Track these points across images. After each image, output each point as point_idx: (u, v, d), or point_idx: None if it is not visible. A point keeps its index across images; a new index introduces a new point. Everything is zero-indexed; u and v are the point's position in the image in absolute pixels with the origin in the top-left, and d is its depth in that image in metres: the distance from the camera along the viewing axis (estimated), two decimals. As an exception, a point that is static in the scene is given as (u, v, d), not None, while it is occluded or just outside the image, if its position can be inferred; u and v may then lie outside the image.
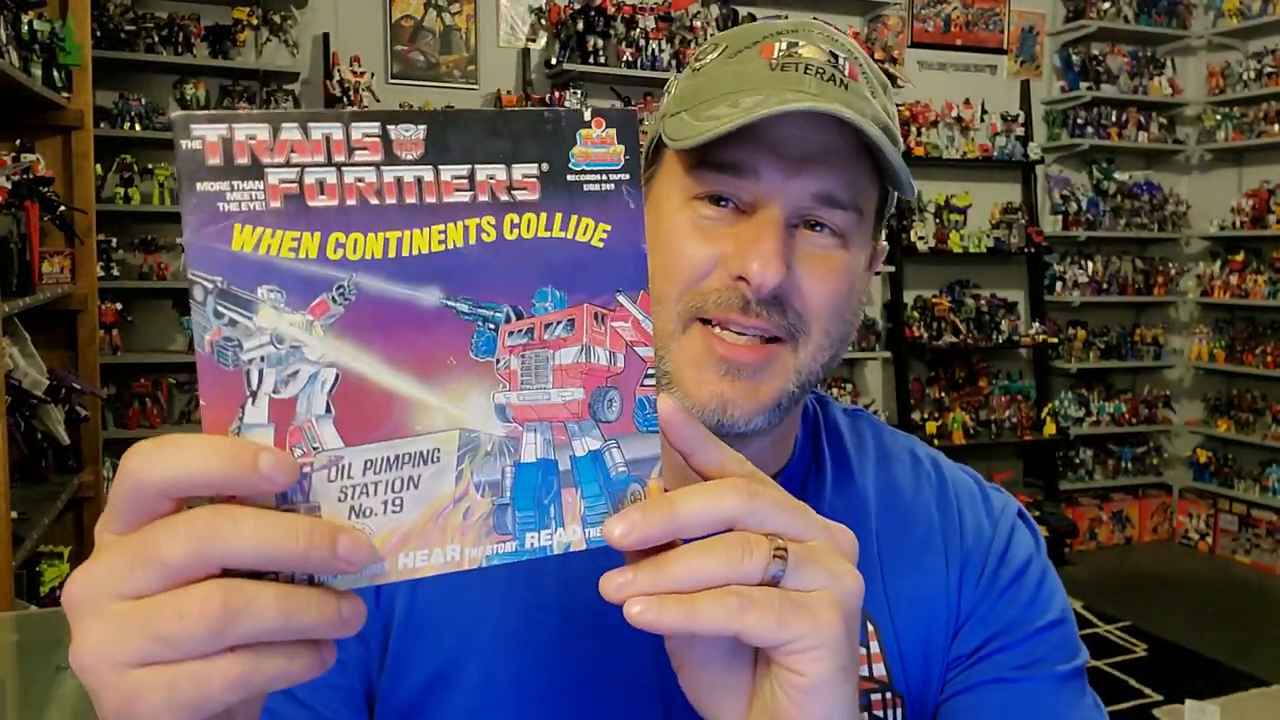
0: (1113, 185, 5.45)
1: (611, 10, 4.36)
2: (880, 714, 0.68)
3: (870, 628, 0.70)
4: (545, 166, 0.39)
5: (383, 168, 0.37)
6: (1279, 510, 4.92)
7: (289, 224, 0.36)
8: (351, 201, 0.37)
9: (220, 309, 0.36)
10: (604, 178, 0.40)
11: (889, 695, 0.69)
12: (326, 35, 4.14)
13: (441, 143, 0.38)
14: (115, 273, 3.80)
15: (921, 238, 4.99)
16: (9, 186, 2.42)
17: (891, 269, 4.91)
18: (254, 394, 0.36)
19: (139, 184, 3.86)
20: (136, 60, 3.82)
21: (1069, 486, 5.33)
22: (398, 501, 0.38)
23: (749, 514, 0.41)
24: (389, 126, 0.37)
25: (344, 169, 0.37)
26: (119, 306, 3.80)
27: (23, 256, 2.46)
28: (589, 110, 0.40)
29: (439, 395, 0.38)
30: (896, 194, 0.71)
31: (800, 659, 0.41)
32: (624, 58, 4.35)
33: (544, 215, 0.39)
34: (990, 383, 5.26)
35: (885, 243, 0.75)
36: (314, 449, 0.37)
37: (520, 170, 0.39)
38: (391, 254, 0.37)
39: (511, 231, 0.39)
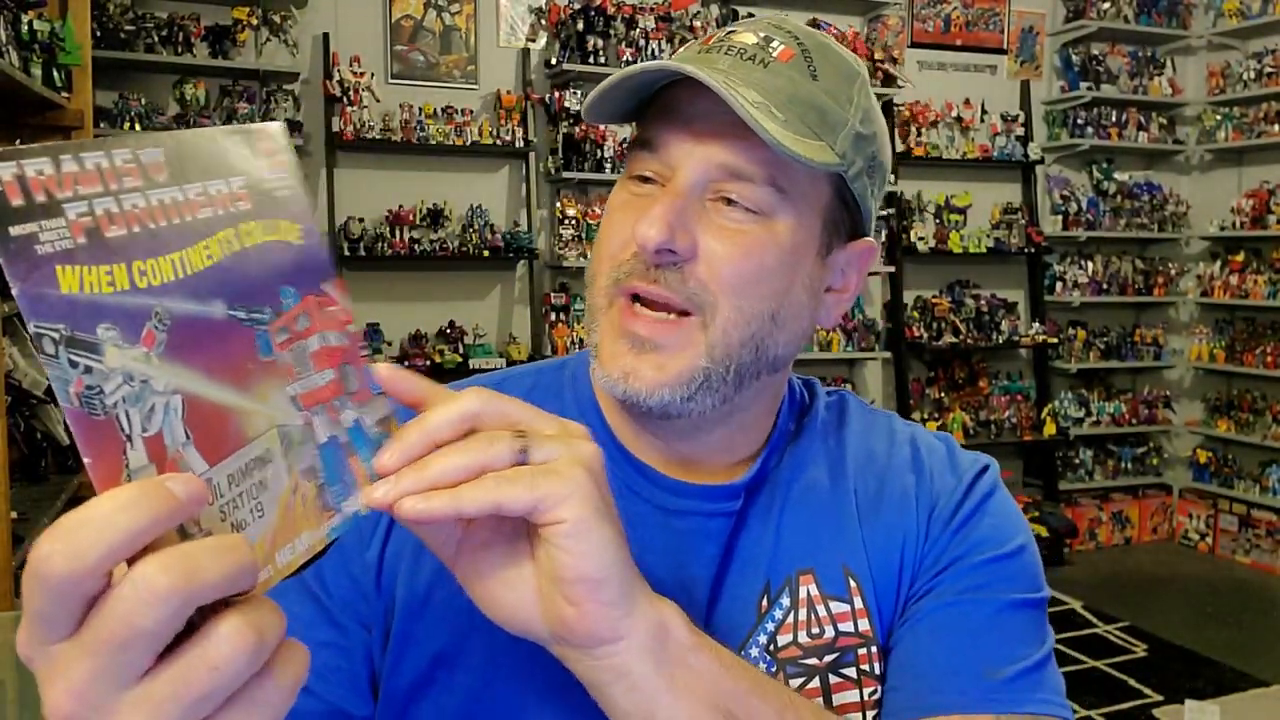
0: (1113, 185, 5.45)
1: (611, 10, 4.36)
2: (867, 668, 0.70)
3: (853, 583, 0.71)
4: (248, 184, 0.43)
5: (147, 192, 0.38)
6: (1279, 510, 4.91)
7: (98, 258, 0.36)
8: (136, 229, 0.38)
9: (74, 358, 0.36)
10: (286, 185, 0.44)
11: (874, 649, 0.70)
12: (326, 35, 4.14)
13: (179, 165, 0.40)
14: (115, 273, 3.80)
15: (921, 238, 4.99)
16: (9, 186, 2.41)
17: (891, 269, 4.91)
18: (129, 437, 0.37)
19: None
20: (136, 60, 3.82)
21: (1069, 487, 5.33)
22: (259, 507, 0.41)
23: (488, 412, 0.47)
24: (137, 151, 0.38)
25: (120, 197, 0.38)
26: (119, 306, 3.80)
27: (22, 256, 2.45)
28: (251, 129, 0.44)
29: (253, 399, 0.41)
30: (875, 188, 0.73)
31: (558, 511, 0.46)
32: (624, 58, 4.35)
33: (260, 223, 0.42)
34: (990, 383, 5.26)
35: (872, 240, 0.75)
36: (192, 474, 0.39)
37: (235, 183, 0.42)
38: (181, 274, 0.39)
39: (247, 239, 0.42)
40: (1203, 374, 5.55)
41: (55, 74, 2.75)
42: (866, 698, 0.69)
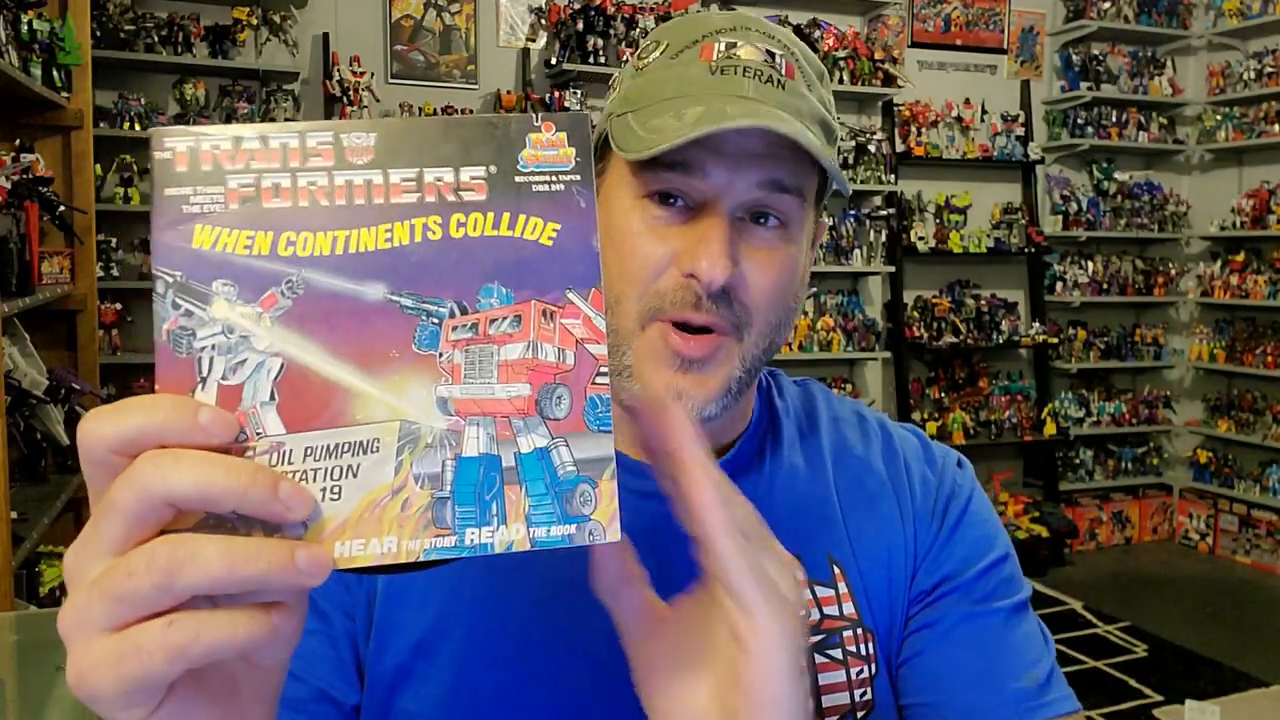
0: (1113, 185, 5.45)
1: (611, 10, 4.36)
2: (853, 649, 0.73)
3: (836, 570, 0.74)
4: (493, 169, 0.41)
5: (334, 172, 0.39)
6: (1279, 510, 4.92)
7: (245, 224, 0.38)
8: (304, 203, 0.39)
9: (178, 301, 0.38)
10: (554, 178, 0.41)
11: (860, 630, 0.73)
12: (326, 35, 4.14)
13: (392, 149, 0.40)
14: (115, 273, 3.80)
15: (921, 238, 4.99)
16: (9, 186, 2.42)
17: (891, 269, 4.91)
18: (204, 379, 0.38)
19: (138, 184, 3.86)
20: (136, 60, 3.82)
21: (1069, 487, 5.33)
22: (336, 490, 0.38)
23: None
24: (341, 135, 0.39)
25: (298, 174, 0.39)
26: (119, 306, 3.80)
27: (22, 256, 2.45)
28: (539, 115, 0.41)
29: (380, 386, 0.39)
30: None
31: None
32: (624, 58, 4.35)
33: (490, 215, 0.40)
34: (990, 383, 5.26)
35: (826, 219, 0.79)
36: (257, 434, 0.38)
37: (468, 173, 0.40)
38: (339, 251, 0.39)
39: (458, 230, 0.40)
40: (1203, 374, 5.55)
41: (55, 74, 2.75)
42: (853, 677, 0.72)
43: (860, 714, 0.71)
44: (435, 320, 0.39)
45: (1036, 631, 0.75)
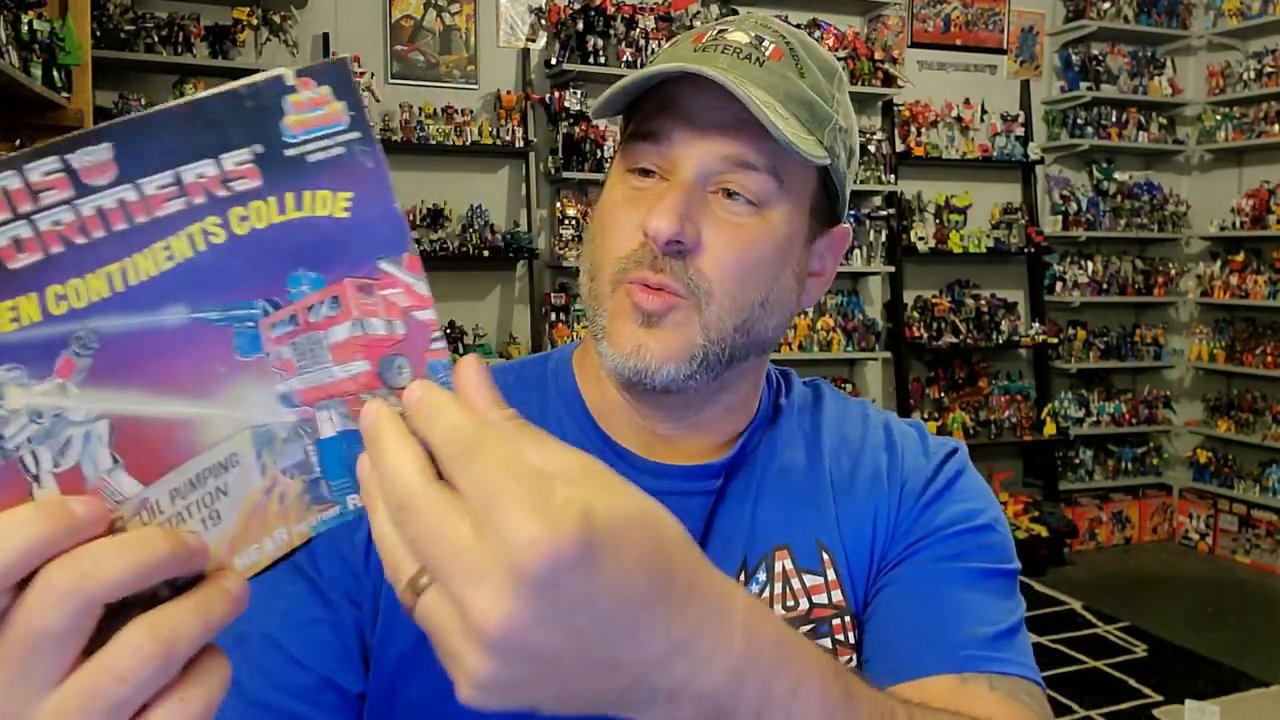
0: (1113, 185, 5.45)
1: (611, 10, 4.36)
2: (841, 637, 0.74)
3: (826, 556, 0.75)
4: (258, 148, 0.36)
5: (77, 203, 0.34)
6: (1279, 510, 4.91)
7: None
8: (56, 249, 0.34)
9: None
10: (329, 142, 0.36)
11: (848, 619, 0.74)
12: (326, 35, 4.14)
13: (135, 156, 0.34)
14: (115, 273, 3.81)
15: (921, 238, 4.99)
16: (9, 186, 2.41)
17: (891, 269, 4.91)
18: (36, 477, 0.35)
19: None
20: (136, 60, 3.82)
21: (1069, 487, 5.33)
22: (214, 514, 0.38)
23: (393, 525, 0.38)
24: (68, 157, 0.34)
25: (35, 218, 0.34)
26: (119, 306, 3.80)
27: (22, 256, 2.45)
28: (291, 72, 0.35)
29: (218, 405, 0.37)
30: (851, 176, 0.76)
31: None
32: (624, 58, 4.35)
33: (273, 200, 0.36)
34: (990, 383, 5.26)
35: (847, 225, 0.79)
36: (117, 502, 0.36)
37: (231, 160, 0.35)
38: (120, 287, 0.35)
39: (242, 226, 0.36)
40: (1203, 374, 5.55)
41: (55, 74, 2.75)
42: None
43: None
44: (250, 324, 0.37)
45: (1008, 604, 0.72)
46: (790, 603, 0.73)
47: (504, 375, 0.81)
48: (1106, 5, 5.25)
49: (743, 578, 0.74)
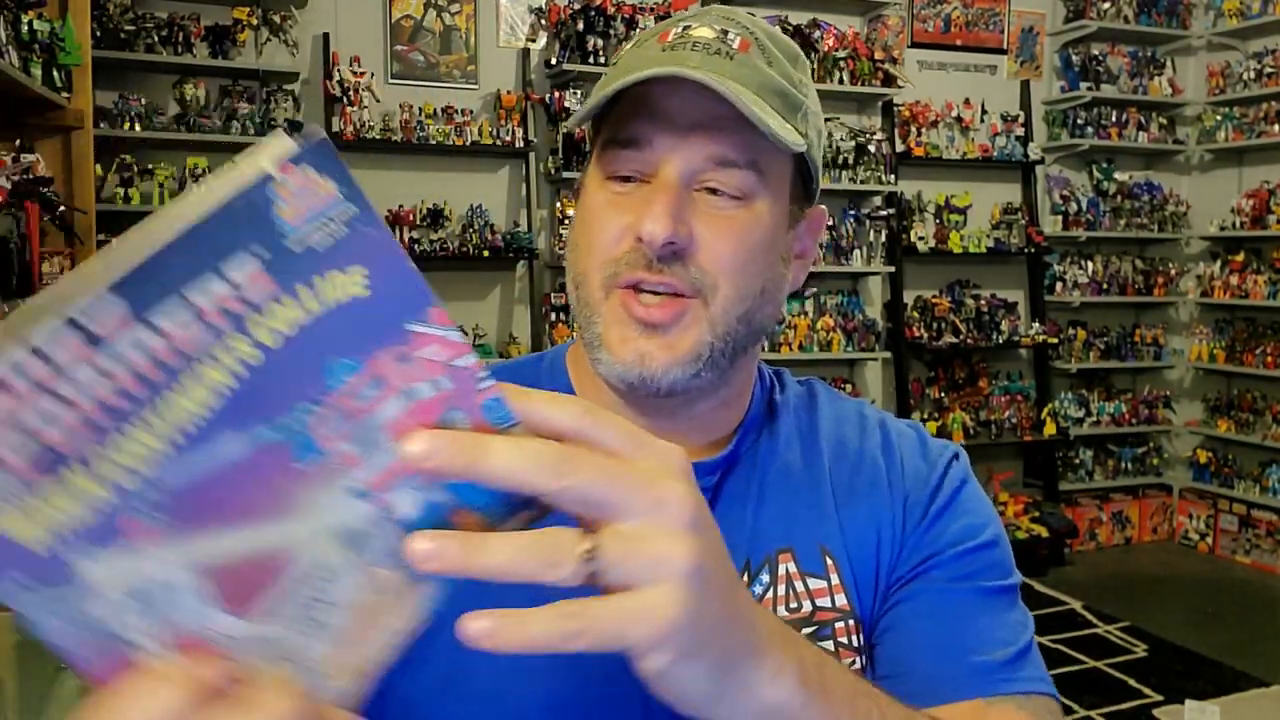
0: (1113, 185, 5.45)
1: (611, 10, 4.36)
2: (845, 640, 0.74)
3: (830, 561, 0.75)
4: (263, 251, 0.34)
5: (97, 359, 0.32)
6: (1279, 510, 4.92)
7: (48, 477, 0.32)
8: (95, 416, 0.33)
9: (51, 607, 0.33)
10: (329, 222, 0.34)
11: (851, 622, 0.74)
12: (326, 35, 4.14)
13: (136, 293, 0.32)
14: (115, 273, 3.80)
15: (921, 238, 4.99)
16: (9, 187, 2.42)
17: (891, 269, 4.91)
18: (133, 644, 0.35)
19: (139, 184, 3.86)
20: (136, 60, 3.82)
21: (1069, 487, 5.33)
22: (323, 624, 0.37)
23: (558, 489, 0.38)
24: (75, 317, 0.32)
25: (60, 390, 0.32)
26: (119, 306, 3.80)
27: (23, 257, 2.46)
28: (272, 163, 0.33)
29: (294, 518, 0.36)
30: (820, 158, 0.77)
31: (645, 659, 0.39)
32: (624, 58, 4.35)
33: (290, 300, 0.34)
34: (990, 383, 5.26)
35: (823, 207, 0.80)
36: (224, 642, 0.36)
37: (237, 272, 0.34)
38: (165, 433, 0.34)
39: (270, 336, 0.35)
40: (1203, 374, 5.55)
41: (55, 74, 2.75)
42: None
43: None
44: (301, 430, 0.36)
45: (1019, 619, 0.74)
46: (793, 604, 0.74)
47: (499, 374, 0.80)
48: (1106, 5, 5.25)
49: (745, 579, 0.73)
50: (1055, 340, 5.27)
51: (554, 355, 0.82)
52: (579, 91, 4.35)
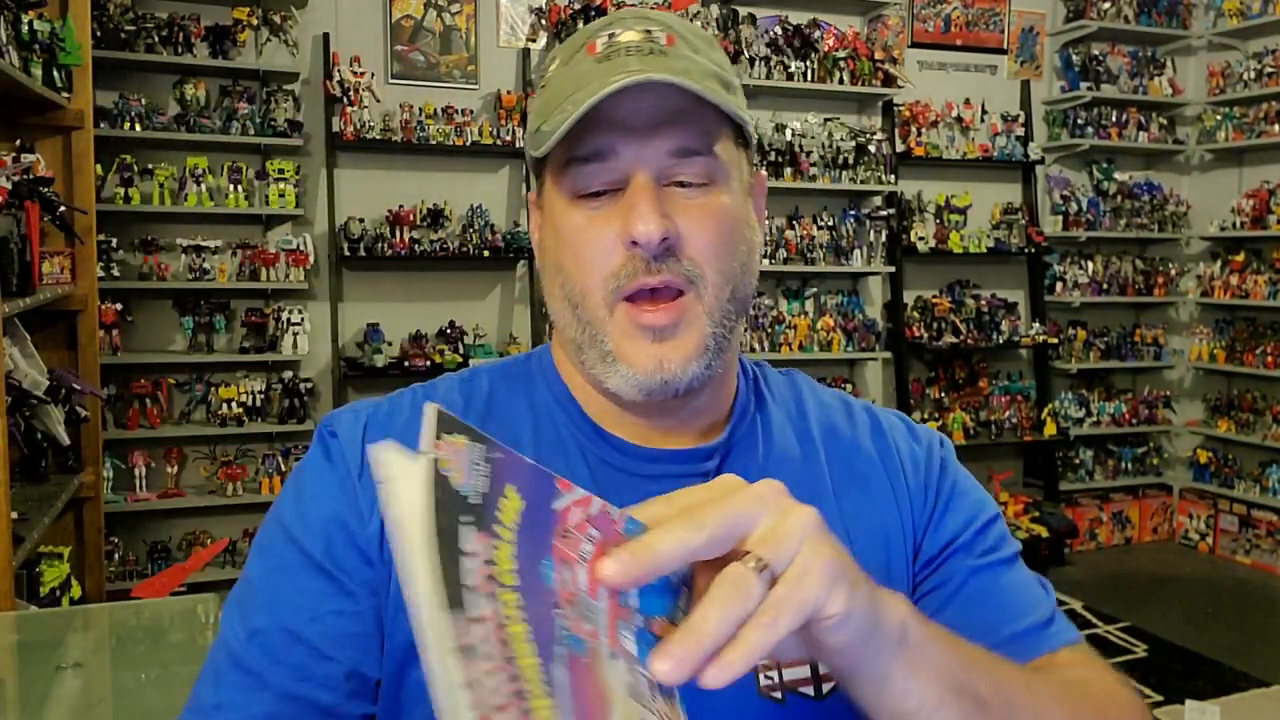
0: (1113, 185, 5.45)
1: (611, 10, 4.36)
2: None
3: None
4: (468, 518, 0.40)
5: (479, 664, 0.38)
6: (1279, 510, 4.92)
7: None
8: (508, 699, 0.39)
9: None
10: (479, 466, 0.41)
11: None
12: (326, 35, 4.14)
13: (456, 602, 0.39)
14: (115, 273, 3.80)
15: (921, 238, 4.99)
16: (9, 186, 2.42)
17: (891, 269, 4.91)
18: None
19: (139, 184, 3.86)
20: (136, 60, 3.82)
21: (1069, 487, 5.33)
22: None
23: (707, 539, 0.45)
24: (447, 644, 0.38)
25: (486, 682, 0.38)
26: (119, 307, 3.80)
27: (23, 257, 2.46)
28: (430, 445, 0.40)
29: (613, 698, 0.42)
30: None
31: (824, 614, 0.46)
32: (624, 58, 4.34)
33: (499, 542, 0.41)
34: (990, 383, 5.26)
35: (764, 171, 0.84)
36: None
37: (469, 544, 0.40)
38: (542, 689, 0.40)
39: (512, 578, 0.41)
40: (1203, 374, 5.55)
41: (55, 74, 2.75)
42: None
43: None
44: (565, 630, 0.42)
45: (1038, 579, 0.80)
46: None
47: (491, 373, 0.82)
48: (1106, 5, 5.25)
49: None
50: (1055, 340, 5.27)
51: (540, 354, 0.83)
52: (579, 91, 4.34)
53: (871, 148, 4.81)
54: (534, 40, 4.46)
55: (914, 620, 0.53)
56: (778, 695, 0.72)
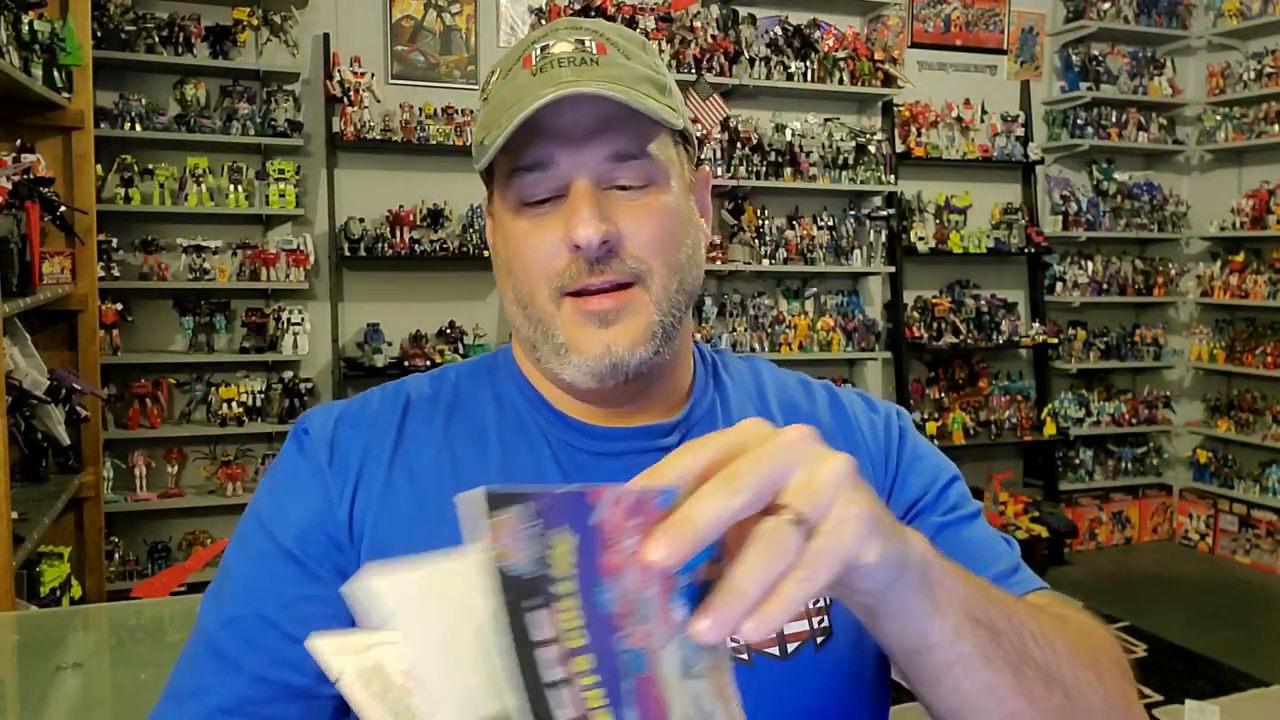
0: (1113, 185, 5.45)
1: (611, 10, 4.36)
2: (821, 601, 0.79)
3: None
4: (533, 601, 0.41)
5: None
6: (1279, 510, 4.92)
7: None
8: None
9: None
10: (528, 529, 0.41)
11: None
12: (326, 35, 4.14)
13: (534, 686, 0.40)
14: (115, 273, 3.80)
15: (921, 238, 4.99)
16: (9, 187, 2.42)
17: (891, 269, 4.91)
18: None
19: (139, 184, 3.86)
20: (136, 60, 3.83)
21: (1069, 487, 5.33)
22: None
23: (745, 499, 0.45)
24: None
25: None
26: (119, 306, 3.80)
27: (23, 257, 2.46)
28: (482, 540, 0.40)
29: (673, 701, 0.43)
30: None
31: (860, 562, 0.47)
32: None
33: (560, 610, 0.41)
34: (990, 383, 5.26)
35: (707, 168, 0.86)
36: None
37: (536, 631, 0.40)
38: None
39: (582, 637, 0.41)
40: (1203, 374, 5.55)
41: (55, 74, 2.76)
42: (815, 626, 0.77)
43: (819, 639, 0.77)
44: (632, 653, 0.42)
45: (1001, 534, 0.84)
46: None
47: (459, 369, 0.87)
48: (1106, 6, 5.25)
49: None
50: (1055, 340, 5.27)
51: (503, 354, 0.87)
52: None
53: (871, 148, 4.81)
54: (534, 40, 4.46)
55: (933, 556, 0.54)
56: (744, 657, 0.74)
